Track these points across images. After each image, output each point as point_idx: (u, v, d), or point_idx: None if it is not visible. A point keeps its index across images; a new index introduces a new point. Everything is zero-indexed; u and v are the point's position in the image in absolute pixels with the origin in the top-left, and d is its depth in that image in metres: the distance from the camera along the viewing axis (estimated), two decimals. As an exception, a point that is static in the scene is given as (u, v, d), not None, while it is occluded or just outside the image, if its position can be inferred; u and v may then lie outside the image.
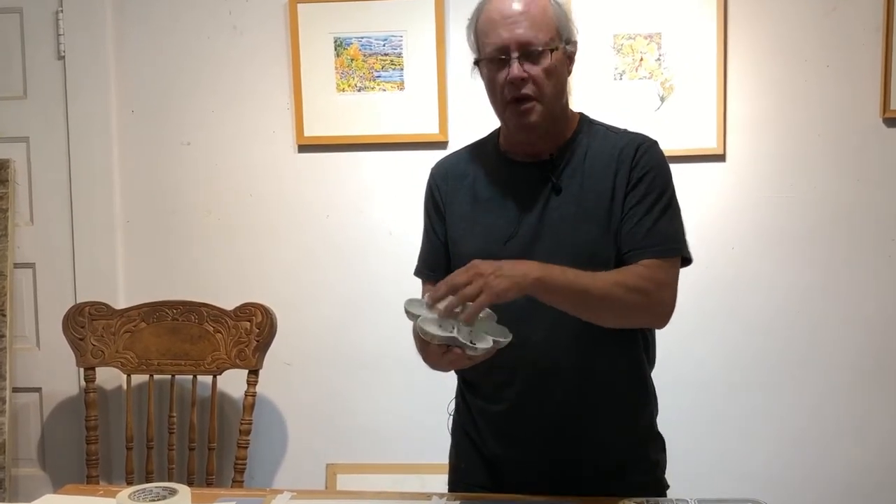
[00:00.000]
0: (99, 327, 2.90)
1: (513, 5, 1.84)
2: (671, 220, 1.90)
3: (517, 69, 1.82)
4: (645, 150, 1.91)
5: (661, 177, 1.91)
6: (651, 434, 2.04)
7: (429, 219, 2.08)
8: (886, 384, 2.91)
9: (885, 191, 2.87)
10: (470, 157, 2.06)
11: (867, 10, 2.81)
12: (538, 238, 1.89)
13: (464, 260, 1.86)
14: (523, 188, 1.93)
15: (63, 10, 3.03)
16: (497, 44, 1.83)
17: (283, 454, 3.12)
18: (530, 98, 1.85)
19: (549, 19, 1.85)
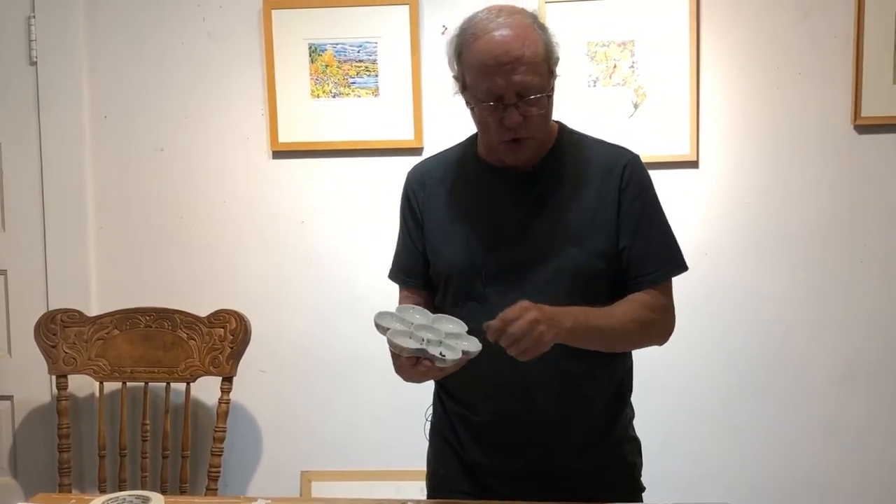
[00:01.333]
0: (71, 334, 2.89)
1: (509, 47, 1.77)
2: (666, 236, 1.97)
3: (516, 117, 1.80)
4: (632, 168, 1.93)
5: (650, 195, 1.96)
6: (627, 437, 2.05)
7: (405, 224, 2.06)
8: (859, 387, 2.93)
9: (857, 197, 2.88)
10: (447, 164, 2.04)
11: (838, 18, 2.83)
12: (521, 249, 1.89)
13: (444, 268, 1.95)
14: (504, 198, 1.93)
15: (35, 16, 3.01)
16: (493, 91, 1.79)
17: (257, 462, 3.11)
18: (526, 137, 1.84)
19: (541, 58, 1.81)
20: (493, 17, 1.81)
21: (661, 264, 1.94)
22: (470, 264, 1.91)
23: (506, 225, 1.91)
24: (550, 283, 1.87)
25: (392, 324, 1.73)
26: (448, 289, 1.96)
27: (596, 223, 1.90)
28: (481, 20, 1.82)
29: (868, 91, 2.82)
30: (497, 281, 1.89)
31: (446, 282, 1.97)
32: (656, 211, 1.97)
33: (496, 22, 1.80)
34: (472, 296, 1.90)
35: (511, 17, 1.81)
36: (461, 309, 1.89)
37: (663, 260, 1.94)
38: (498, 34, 1.78)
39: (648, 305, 1.89)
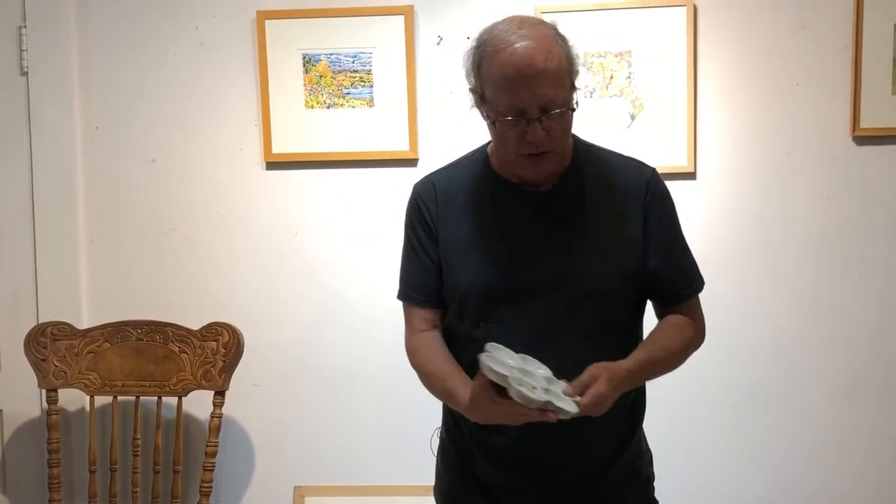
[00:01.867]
0: (61, 348, 2.87)
1: (532, 61, 1.72)
2: (688, 251, 2.00)
3: (539, 132, 1.75)
4: (654, 184, 1.94)
5: (672, 210, 1.97)
6: (641, 451, 2.05)
7: (417, 240, 1.99)
8: (862, 402, 2.92)
9: (856, 209, 2.88)
10: (459, 177, 1.98)
11: (836, 28, 2.83)
12: (540, 270, 1.86)
13: (461, 289, 1.92)
14: (523, 217, 1.89)
15: (26, 26, 3.00)
16: (515, 105, 1.75)
17: (250, 477, 3.09)
18: (548, 151, 1.81)
19: (564, 70, 1.77)
20: (514, 29, 1.76)
21: (691, 281, 1.98)
22: (488, 286, 1.88)
23: (524, 245, 1.88)
24: (571, 305, 1.86)
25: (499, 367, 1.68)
26: (465, 309, 1.93)
27: (619, 243, 1.88)
28: (502, 32, 1.77)
29: (867, 102, 2.82)
30: (516, 302, 1.87)
31: (462, 302, 1.93)
32: (678, 226, 1.98)
33: (518, 34, 1.74)
34: (490, 317, 1.88)
35: (533, 29, 1.76)
36: (480, 330, 1.88)
37: (691, 276, 1.99)
38: (520, 46, 1.72)
39: (683, 324, 1.95)
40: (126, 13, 3.01)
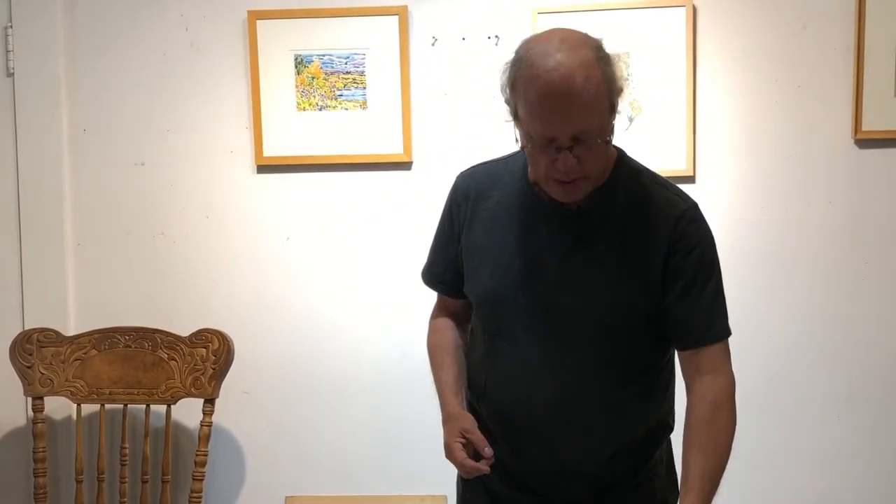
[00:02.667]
0: (48, 355, 2.86)
1: (566, 89, 1.63)
2: (715, 298, 1.86)
3: (570, 161, 1.68)
4: (687, 220, 1.83)
5: (710, 250, 1.87)
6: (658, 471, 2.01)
7: (444, 230, 2.02)
8: (863, 407, 2.91)
9: (858, 213, 2.87)
10: (498, 177, 1.94)
11: (838, 30, 2.82)
12: (552, 289, 1.83)
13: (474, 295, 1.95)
14: (544, 232, 1.84)
15: (13, 26, 2.98)
16: (547, 134, 1.68)
17: (240, 486, 3.09)
18: (579, 178, 1.73)
19: (601, 97, 1.68)
20: (552, 51, 1.65)
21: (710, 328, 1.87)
22: (499, 297, 1.87)
23: (540, 262, 1.84)
24: (578, 329, 1.83)
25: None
26: (479, 316, 1.96)
27: (634, 275, 1.81)
28: (540, 52, 1.67)
29: (869, 105, 2.81)
30: (526, 317, 1.84)
31: (478, 310, 1.96)
32: (711, 268, 1.86)
33: (555, 58, 1.64)
34: (500, 330, 1.89)
35: (572, 52, 1.65)
36: (490, 344, 1.91)
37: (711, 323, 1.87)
38: (556, 74, 1.63)
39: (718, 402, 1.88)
40: (114, 13, 3.00)
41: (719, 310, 1.87)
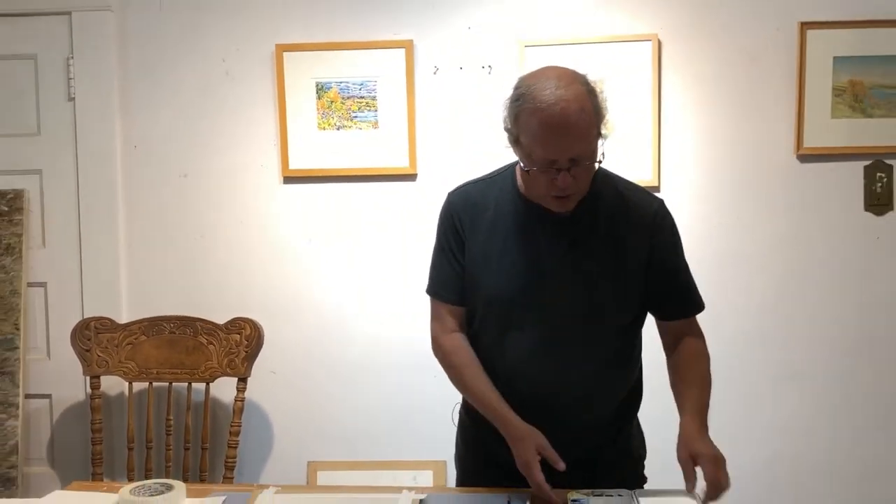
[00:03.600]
0: (104, 340, 2.89)
1: (564, 120, 1.69)
2: (690, 277, 1.99)
3: (567, 180, 1.74)
4: (661, 215, 1.93)
5: (677, 238, 1.97)
6: (633, 432, 2.08)
7: (448, 245, 1.96)
8: (804, 387, 2.94)
9: (800, 218, 2.91)
10: (489, 192, 1.95)
11: (783, 62, 2.86)
12: (556, 285, 1.87)
13: (484, 297, 1.92)
14: (541, 236, 1.88)
15: (73, 57, 3.03)
16: (548, 158, 1.73)
17: (268, 453, 3.11)
18: (573, 193, 1.80)
19: (592, 124, 1.74)
20: (551, 88, 1.71)
21: (694, 302, 1.99)
22: (509, 296, 1.88)
23: (543, 262, 1.87)
24: (578, 317, 1.88)
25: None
26: (489, 316, 1.93)
27: (625, 267, 1.88)
28: (540, 89, 1.72)
29: (809, 125, 2.85)
30: (534, 312, 1.88)
31: (486, 309, 1.93)
32: (681, 253, 1.98)
33: (555, 94, 1.70)
34: (511, 324, 1.90)
35: (568, 89, 1.71)
36: (503, 337, 1.91)
37: (692, 299, 1.99)
38: (557, 107, 1.69)
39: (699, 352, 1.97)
40: (161, 46, 3.03)
41: (694, 285, 2.00)
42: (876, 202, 2.88)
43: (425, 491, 1.95)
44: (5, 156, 3.08)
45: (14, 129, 3.08)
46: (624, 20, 2.90)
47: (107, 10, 3.01)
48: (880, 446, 2.95)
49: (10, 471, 2.94)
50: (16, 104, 3.07)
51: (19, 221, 3.03)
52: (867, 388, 2.94)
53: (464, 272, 1.94)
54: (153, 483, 1.94)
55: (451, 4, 2.94)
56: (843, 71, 2.82)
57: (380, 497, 1.93)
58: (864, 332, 2.93)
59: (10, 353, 2.98)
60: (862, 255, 2.91)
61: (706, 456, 1.76)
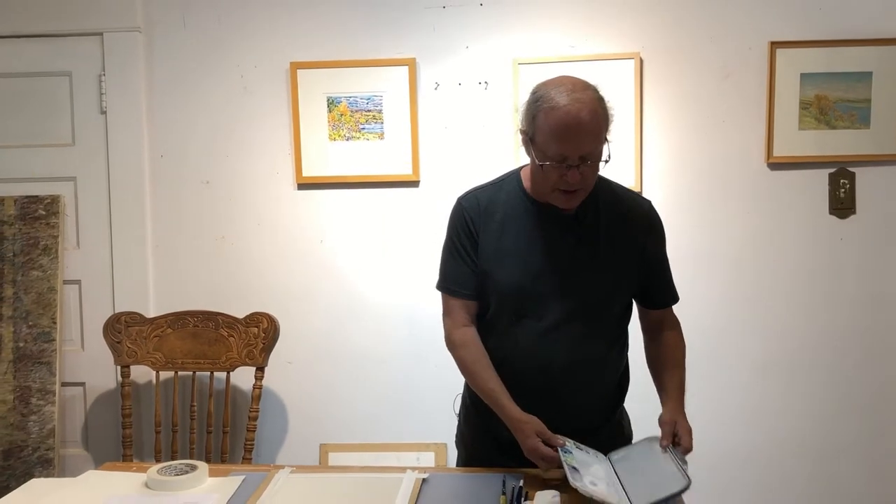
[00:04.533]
0: (133, 332, 2.91)
1: (578, 120, 1.74)
2: (670, 272, 2.07)
3: (576, 176, 1.79)
4: (653, 215, 2.01)
5: (664, 235, 2.05)
6: (624, 413, 2.12)
7: (461, 244, 1.96)
8: (775, 377, 2.97)
9: (770, 221, 2.93)
10: (497, 196, 1.97)
11: (754, 78, 2.89)
12: (564, 277, 1.90)
13: (499, 290, 1.92)
14: (549, 233, 1.91)
15: (105, 74, 3.04)
16: (562, 154, 1.77)
17: (284, 436, 3.12)
18: (580, 189, 1.84)
19: (602, 128, 1.79)
20: (567, 92, 1.76)
21: (673, 294, 2.07)
22: (522, 288, 1.90)
23: (552, 257, 1.90)
24: (582, 306, 1.91)
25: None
26: (503, 308, 1.93)
27: (624, 260, 1.93)
28: (558, 92, 1.77)
29: (778, 136, 2.87)
30: (545, 302, 1.90)
31: (499, 300, 1.93)
32: (665, 250, 2.05)
33: (571, 97, 1.75)
34: (523, 314, 1.91)
35: (583, 94, 1.77)
36: (517, 325, 1.92)
37: (673, 291, 2.07)
38: (573, 108, 1.74)
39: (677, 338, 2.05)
40: (185, 63, 3.05)
41: (672, 277, 2.08)
42: (840, 206, 2.90)
43: (428, 471, 1.96)
44: (43, 164, 3.10)
45: (51, 140, 3.10)
46: (609, 40, 2.92)
47: (136, 30, 3.03)
48: (844, 427, 2.97)
49: (48, 452, 2.96)
50: (53, 117, 3.09)
51: (56, 224, 3.05)
52: (833, 376, 2.97)
53: (477, 269, 1.95)
54: (178, 463, 1.97)
55: (450, 26, 2.96)
56: (809, 86, 2.85)
57: (386, 476, 1.94)
58: (829, 325, 2.95)
59: (47, 344, 3.00)
60: (827, 254, 2.93)
61: (684, 427, 1.86)
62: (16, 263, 3.03)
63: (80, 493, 1.88)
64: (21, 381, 2.98)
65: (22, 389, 2.98)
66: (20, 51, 3.06)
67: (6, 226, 3.05)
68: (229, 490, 1.87)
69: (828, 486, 2.97)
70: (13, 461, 2.95)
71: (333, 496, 1.84)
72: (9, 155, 3.10)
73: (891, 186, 2.89)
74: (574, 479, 1.68)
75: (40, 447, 2.96)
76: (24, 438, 2.96)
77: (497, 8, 2.93)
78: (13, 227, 3.05)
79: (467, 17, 2.94)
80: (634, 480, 1.76)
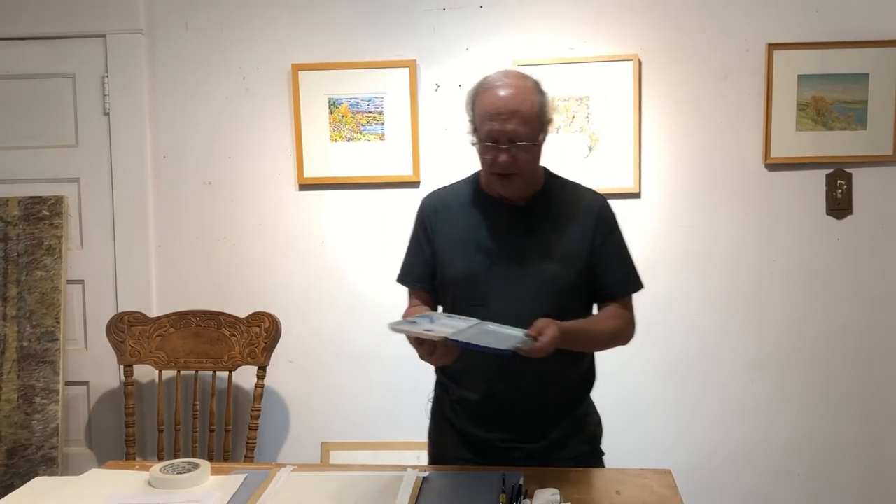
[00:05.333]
0: (136, 332, 2.90)
1: (507, 102, 1.83)
2: (628, 262, 2.05)
3: (506, 157, 1.85)
4: (605, 210, 2.02)
5: (618, 230, 2.05)
6: (590, 412, 2.10)
7: (418, 239, 2.07)
8: (771, 374, 2.97)
9: (767, 221, 2.93)
10: (456, 194, 2.06)
11: (752, 79, 2.89)
12: (515, 266, 1.94)
13: (453, 278, 1.98)
14: (502, 225, 1.97)
15: (108, 76, 3.04)
16: (491, 135, 1.85)
17: (285, 434, 3.12)
18: (513, 173, 1.89)
19: (534, 115, 1.85)
20: (501, 78, 1.88)
21: (625, 284, 2.04)
22: (475, 276, 1.95)
23: (503, 246, 1.95)
24: (537, 293, 1.93)
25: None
26: (457, 295, 1.99)
27: (575, 249, 1.96)
28: (493, 79, 1.88)
29: (776, 137, 2.87)
30: (496, 289, 1.93)
31: (454, 289, 1.99)
32: (622, 242, 2.05)
33: (503, 81, 1.86)
34: (476, 300, 1.94)
35: (515, 80, 1.87)
36: (468, 311, 1.92)
37: (626, 280, 2.04)
38: (501, 91, 1.84)
39: (617, 315, 2.00)
40: (187, 65, 3.05)
41: (632, 270, 2.06)
42: (836, 207, 2.90)
43: (428, 469, 1.97)
44: (47, 165, 3.11)
45: (55, 141, 3.10)
46: (607, 42, 2.92)
47: (138, 32, 3.03)
48: (842, 427, 2.97)
49: (52, 451, 2.96)
50: (56, 118, 3.09)
51: (59, 225, 3.05)
52: (830, 377, 2.97)
53: (434, 260, 2.02)
54: (181, 462, 1.97)
55: (450, 28, 2.96)
56: (806, 88, 2.85)
57: (387, 474, 1.94)
58: (826, 326, 2.95)
59: (51, 344, 3.00)
60: (824, 255, 2.93)
61: (549, 332, 1.74)
62: (20, 263, 3.03)
63: (83, 492, 1.89)
64: (25, 380, 2.98)
65: (26, 388, 2.98)
66: (24, 53, 3.07)
67: (10, 226, 3.05)
68: (231, 488, 1.87)
69: (825, 486, 2.97)
70: (17, 459, 2.95)
71: (334, 494, 1.84)
72: (13, 156, 3.11)
73: (887, 187, 2.89)
74: (392, 323, 1.72)
75: (44, 446, 2.96)
76: (28, 437, 2.96)
77: (497, 10, 2.94)
78: (17, 227, 3.05)
79: (467, 18, 2.95)
80: (478, 336, 1.74)
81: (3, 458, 2.95)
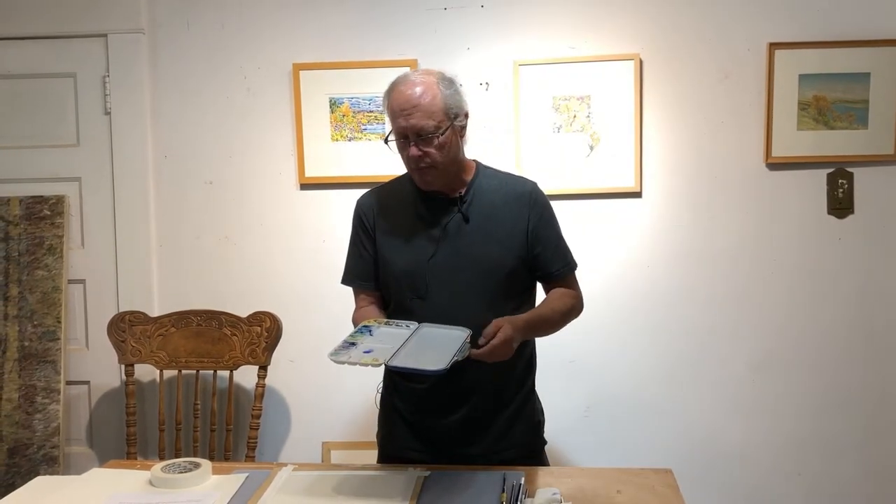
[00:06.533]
0: (137, 331, 2.90)
1: (409, 98, 1.90)
2: (563, 242, 2.12)
3: (415, 150, 1.92)
4: (536, 194, 2.07)
5: (551, 212, 2.10)
6: (532, 400, 2.14)
7: (359, 239, 2.13)
8: (771, 374, 2.96)
9: (767, 221, 2.93)
10: (391, 191, 2.13)
11: (753, 78, 2.88)
12: (453, 256, 1.99)
13: (394, 273, 2.03)
14: (438, 218, 2.02)
15: (109, 75, 3.04)
16: (398, 130, 1.93)
17: (286, 434, 3.12)
18: (427, 166, 1.94)
19: (437, 106, 1.90)
20: (406, 76, 1.95)
21: (566, 263, 2.10)
22: (415, 269, 1.99)
23: (440, 237, 2.00)
24: (477, 280, 1.98)
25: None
26: (399, 289, 2.03)
27: (511, 235, 2.01)
28: (399, 79, 1.95)
29: (777, 136, 2.87)
30: (436, 280, 1.98)
31: (396, 284, 2.04)
32: (555, 224, 2.10)
33: (408, 79, 1.93)
34: (417, 293, 1.99)
35: (419, 76, 1.94)
36: (409, 304, 2.00)
37: (565, 259, 2.10)
38: (404, 87, 1.91)
39: (567, 294, 2.07)
40: (188, 65, 3.05)
41: (567, 249, 2.12)
42: (838, 206, 2.90)
43: (428, 468, 1.97)
44: (48, 165, 3.10)
45: (56, 141, 3.10)
46: (608, 41, 2.91)
47: (139, 32, 3.03)
48: (843, 427, 2.97)
49: (53, 450, 2.96)
50: (57, 118, 3.09)
51: (61, 224, 3.05)
52: (831, 376, 2.96)
53: (376, 258, 2.08)
54: (182, 461, 1.98)
55: (451, 27, 2.96)
56: (807, 87, 2.84)
57: (387, 474, 1.95)
58: (828, 325, 2.95)
59: (52, 343, 3.00)
60: (825, 254, 2.93)
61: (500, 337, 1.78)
62: (21, 263, 3.03)
63: (84, 491, 1.89)
64: (26, 379, 2.98)
65: (27, 388, 2.98)
66: (25, 52, 3.07)
67: (11, 226, 3.06)
68: (232, 488, 1.88)
69: (825, 486, 2.97)
70: (18, 459, 2.94)
71: (335, 494, 1.85)
72: (14, 155, 3.11)
73: (888, 186, 2.89)
74: (331, 354, 1.74)
75: (45, 445, 2.96)
76: (29, 436, 2.96)
77: (498, 10, 2.93)
78: (18, 227, 3.05)
79: (468, 18, 2.94)
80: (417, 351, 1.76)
81: (4, 457, 2.95)
